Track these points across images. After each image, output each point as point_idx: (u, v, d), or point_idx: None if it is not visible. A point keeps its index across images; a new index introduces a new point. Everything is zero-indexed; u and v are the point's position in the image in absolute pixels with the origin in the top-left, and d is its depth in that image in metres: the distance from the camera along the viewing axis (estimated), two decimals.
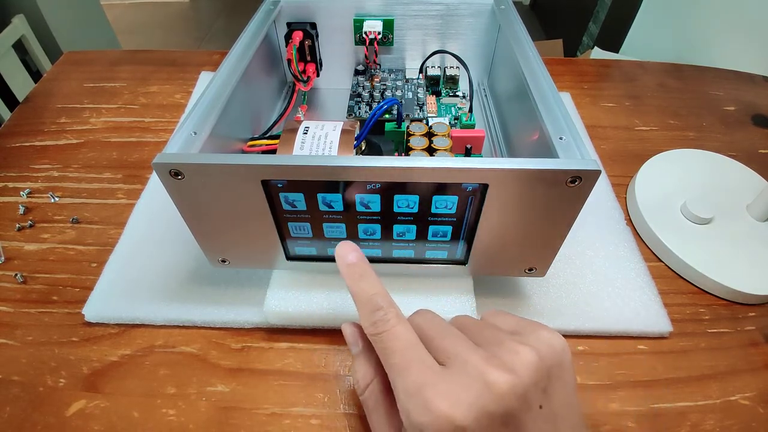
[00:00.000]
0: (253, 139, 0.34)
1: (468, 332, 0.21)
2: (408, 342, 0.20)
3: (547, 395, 0.19)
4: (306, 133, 0.30)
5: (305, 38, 0.41)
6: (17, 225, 0.39)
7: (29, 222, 0.39)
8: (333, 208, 0.25)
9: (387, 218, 0.26)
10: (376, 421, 0.22)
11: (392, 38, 0.42)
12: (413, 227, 0.27)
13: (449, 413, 0.17)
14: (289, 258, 0.30)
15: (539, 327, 0.21)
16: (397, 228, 0.27)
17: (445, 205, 0.25)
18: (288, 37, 0.40)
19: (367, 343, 0.24)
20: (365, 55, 0.43)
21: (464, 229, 0.27)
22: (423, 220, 0.26)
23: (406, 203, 0.25)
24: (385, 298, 0.22)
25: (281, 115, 0.40)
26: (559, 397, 0.19)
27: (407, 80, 0.43)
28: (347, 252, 0.23)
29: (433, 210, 0.25)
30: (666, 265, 0.36)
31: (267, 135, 0.35)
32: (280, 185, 0.24)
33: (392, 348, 0.20)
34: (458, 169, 0.22)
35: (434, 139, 0.34)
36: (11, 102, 0.96)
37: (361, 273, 0.23)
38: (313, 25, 0.41)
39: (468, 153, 0.36)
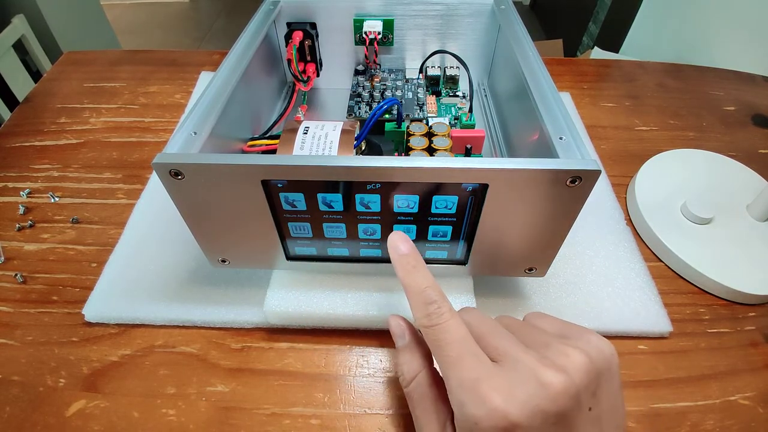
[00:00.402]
0: (253, 139, 0.34)
1: (515, 333, 0.22)
2: (461, 336, 0.20)
3: (596, 398, 0.19)
4: (306, 133, 0.30)
5: (305, 38, 0.41)
6: (17, 225, 0.39)
7: (29, 222, 0.39)
8: (333, 208, 0.25)
9: (387, 218, 0.26)
10: (420, 413, 0.22)
11: (392, 38, 0.42)
12: (413, 227, 0.27)
13: (504, 408, 0.17)
14: (289, 258, 0.30)
15: (587, 331, 0.21)
16: (397, 228, 0.27)
17: (445, 205, 0.25)
18: (288, 37, 0.40)
19: (414, 336, 0.24)
20: (365, 55, 0.43)
21: (464, 229, 0.27)
22: (423, 220, 0.26)
23: (406, 203, 0.25)
24: (438, 292, 0.22)
25: (281, 115, 0.40)
26: (607, 401, 0.19)
27: (407, 80, 0.43)
28: (399, 243, 0.23)
29: (433, 210, 0.25)
30: (666, 265, 0.36)
31: (267, 135, 0.35)
32: (280, 185, 0.24)
33: (446, 340, 0.20)
34: (458, 169, 0.22)
35: (434, 139, 0.34)
36: (11, 102, 0.96)
37: (414, 264, 0.23)
38: (313, 25, 0.41)
39: (468, 153, 0.36)
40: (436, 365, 0.23)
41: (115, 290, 0.33)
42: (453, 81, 0.43)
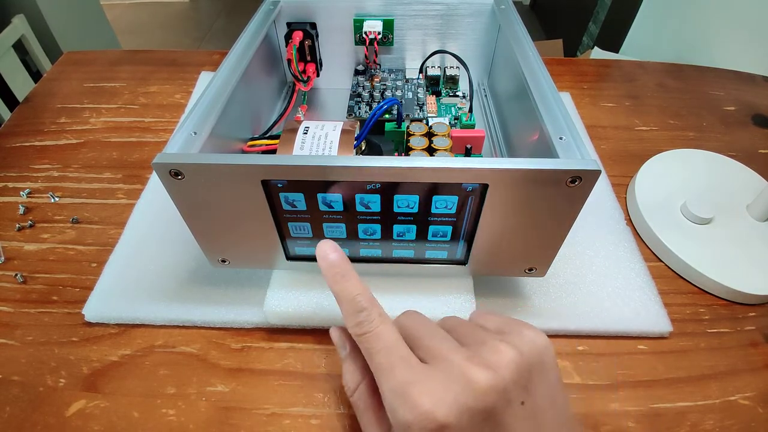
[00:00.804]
0: (253, 139, 0.34)
1: (454, 333, 0.22)
2: (391, 342, 0.20)
3: (528, 392, 0.19)
4: (306, 133, 0.30)
5: (305, 38, 0.41)
6: (17, 225, 0.39)
7: (29, 222, 0.39)
8: (333, 208, 0.25)
9: (387, 218, 0.26)
10: (366, 422, 0.22)
11: (392, 38, 0.42)
12: (413, 227, 0.27)
13: (432, 410, 0.18)
14: (289, 258, 0.30)
15: (523, 326, 0.21)
16: (397, 228, 0.27)
17: (445, 205, 0.25)
18: (288, 37, 0.40)
19: (354, 345, 0.24)
20: (365, 55, 0.43)
21: (464, 229, 0.27)
22: (423, 220, 0.26)
23: (406, 203, 0.25)
24: (368, 299, 0.22)
25: (281, 115, 0.40)
26: (542, 394, 0.19)
27: (407, 80, 0.43)
28: (328, 251, 0.23)
29: (433, 210, 0.25)
30: (666, 265, 0.36)
31: (267, 135, 0.35)
32: (280, 185, 0.24)
33: (376, 348, 0.20)
34: (458, 169, 0.22)
35: (434, 139, 0.34)
36: (11, 102, 0.96)
37: (343, 273, 0.22)
38: (313, 25, 0.41)
39: (468, 153, 0.36)
40: None
41: (115, 290, 0.33)
42: (453, 81, 0.43)
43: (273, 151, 0.31)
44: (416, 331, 0.22)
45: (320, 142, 0.30)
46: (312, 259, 0.30)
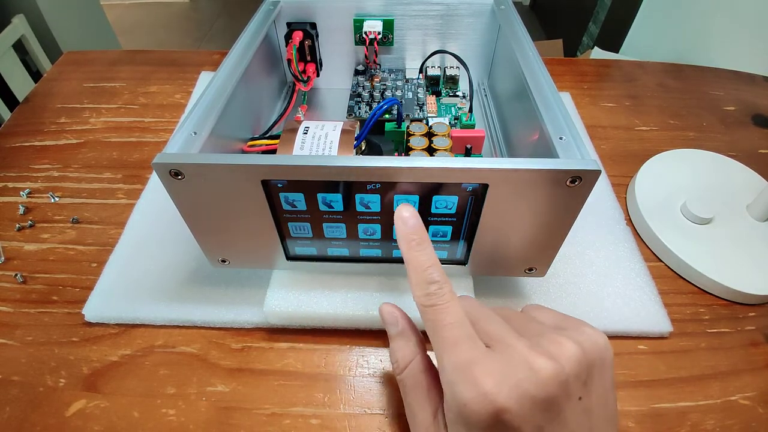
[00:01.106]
0: (253, 139, 0.34)
1: (511, 323, 0.22)
2: (459, 319, 0.20)
3: (586, 388, 0.19)
4: (306, 133, 0.30)
5: (305, 38, 0.41)
6: (17, 225, 0.39)
7: (29, 222, 0.39)
8: (333, 208, 0.25)
9: (387, 218, 0.26)
10: (413, 399, 0.22)
11: (392, 38, 0.42)
12: None
13: (493, 392, 0.18)
14: (289, 258, 0.30)
15: (583, 323, 0.21)
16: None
17: (445, 205, 0.25)
18: (288, 37, 0.40)
19: (407, 323, 0.24)
20: (365, 55, 0.43)
21: (464, 229, 0.27)
22: (423, 220, 0.26)
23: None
24: (441, 272, 0.22)
25: (281, 115, 0.40)
26: (598, 393, 0.20)
27: (407, 80, 0.43)
28: (408, 216, 0.23)
29: (433, 210, 0.25)
30: (666, 265, 0.36)
31: (267, 135, 0.35)
32: (280, 185, 0.24)
33: (444, 321, 0.20)
34: (458, 169, 0.22)
35: (434, 139, 0.34)
36: (11, 102, 0.96)
37: (419, 241, 0.22)
38: (313, 25, 0.41)
39: (468, 153, 0.36)
40: (429, 352, 0.23)
41: (115, 290, 0.33)
42: (453, 81, 0.43)
43: (273, 151, 0.31)
44: (477, 315, 0.22)
45: (320, 142, 0.30)
46: (312, 259, 0.30)
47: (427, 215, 0.26)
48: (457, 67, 0.42)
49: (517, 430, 0.18)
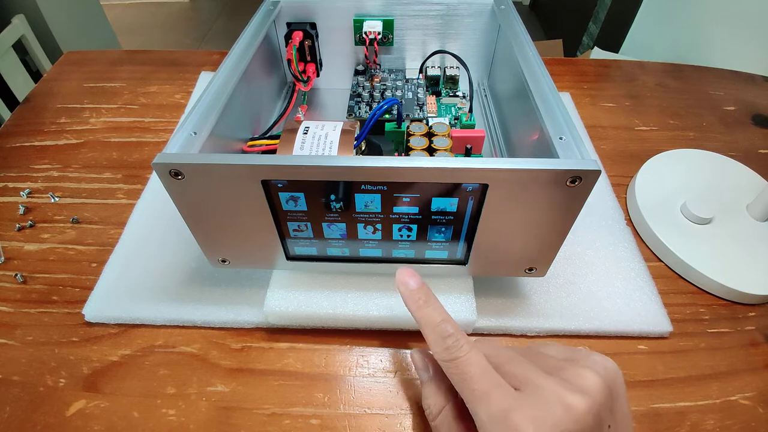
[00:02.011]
0: (253, 139, 0.34)
1: (527, 359, 0.22)
2: (484, 368, 0.21)
3: (613, 415, 0.20)
4: (306, 133, 0.30)
5: (305, 38, 0.41)
6: (17, 225, 0.39)
7: (29, 222, 0.39)
8: (333, 208, 0.25)
9: (387, 218, 0.26)
10: None
11: (392, 38, 0.42)
12: (413, 227, 0.27)
13: None
14: (289, 258, 0.30)
15: (589, 353, 0.22)
16: (396, 228, 0.27)
17: (445, 205, 0.25)
18: (288, 37, 0.40)
19: (437, 369, 0.25)
20: (365, 55, 0.43)
21: (464, 229, 0.27)
22: (423, 220, 0.26)
23: (406, 203, 0.25)
24: (454, 325, 0.22)
25: (281, 115, 0.40)
26: (621, 415, 0.21)
27: (407, 80, 0.43)
28: (408, 278, 0.24)
29: (433, 210, 0.25)
30: (666, 265, 0.36)
31: (267, 135, 0.35)
32: (280, 185, 0.24)
33: (469, 374, 0.21)
34: (458, 169, 0.22)
35: (434, 139, 0.34)
36: (11, 102, 0.95)
37: (425, 299, 0.23)
38: (313, 25, 0.41)
39: (468, 153, 0.36)
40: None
41: (115, 290, 0.33)
42: (453, 81, 0.43)
43: (273, 151, 0.31)
44: (498, 359, 0.22)
45: (320, 142, 0.30)
46: (312, 259, 0.30)
47: (427, 215, 0.26)
48: (457, 67, 0.42)
49: None
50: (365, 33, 0.41)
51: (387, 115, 0.37)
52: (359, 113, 0.40)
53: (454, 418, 0.23)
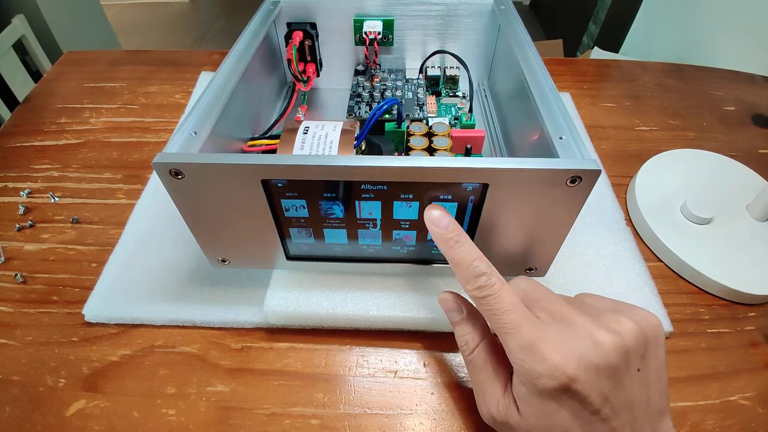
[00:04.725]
0: (253, 139, 0.34)
1: (569, 303, 0.23)
2: (514, 304, 0.22)
3: (644, 361, 0.21)
4: (306, 133, 0.30)
5: (305, 38, 0.41)
6: (17, 225, 0.39)
7: (29, 222, 0.39)
8: (333, 207, 0.25)
9: (387, 218, 0.26)
10: (484, 378, 0.24)
11: (392, 38, 0.42)
12: (413, 230, 0.27)
13: (562, 364, 0.19)
14: (289, 258, 0.30)
15: (635, 306, 0.23)
16: (396, 227, 0.27)
17: (445, 205, 0.25)
18: (288, 37, 0.40)
19: (470, 308, 0.26)
20: (365, 55, 0.43)
21: (464, 228, 0.27)
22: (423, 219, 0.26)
23: (406, 203, 0.25)
24: (486, 263, 0.23)
25: (281, 115, 0.40)
26: (653, 366, 0.21)
27: (407, 80, 0.43)
28: (439, 217, 0.24)
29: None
30: (666, 265, 0.36)
31: (267, 135, 0.35)
32: (280, 185, 0.24)
33: (501, 309, 0.21)
34: (458, 169, 0.22)
35: (434, 139, 0.34)
36: (11, 102, 0.96)
37: (457, 238, 0.24)
38: (313, 25, 0.41)
39: (468, 153, 0.36)
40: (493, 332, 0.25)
41: (115, 290, 0.33)
42: (453, 81, 0.43)
43: (273, 151, 0.31)
44: (536, 294, 0.23)
45: (320, 142, 0.30)
46: (312, 258, 0.30)
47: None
48: (457, 67, 0.42)
49: (585, 396, 0.19)
50: (365, 33, 0.41)
51: (387, 115, 0.37)
52: (359, 113, 0.40)
53: (488, 352, 0.24)
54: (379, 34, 0.41)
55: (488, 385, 0.23)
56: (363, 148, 0.32)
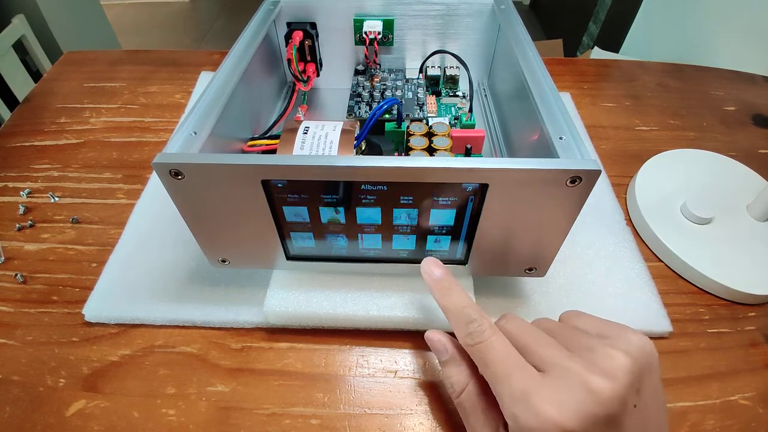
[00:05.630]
0: (253, 139, 0.34)
1: (556, 337, 0.22)
2: (505, 351, 0.21)
3: (639, 395, 0.20)
4: (306, 133, 0.30)
5: (305, 38, 0.41)
6: (17, 225, 0.39)
7: (29, 222, 0.39)
8: (333, 208, 0.25)
9: (387, 218, 0.26)
10: (474, 421, 0.23)
11: (392, 38, 0.42)
12: (413, 232, 0.27)
13: (557, 418, 0.18)
14: (289, 258, 0.30)
15: (626, 330, 0.22)
16: (396, 228, 0.27)
17: (445, 205, 0.25)
18: (288, 37, 0.40)
19: (456, 348, 0.25)
20: (365, 55, 0.43)
21: (464, 229, 0.27)
22: (423, 220, 0.26)
23: (406, 203, 0.25)
24: (476, 310, 0.23)
25: (281, 115, 0.40)
26: (648, 394, 0.20)
27: (407, 80, 0.43)
28: (433, 267, 0.25)
29: (433, 210, 0.25)
30: (666, 265, 0.36)
31: (267, 135, 0.35)
32: (280, 185, 0.24)
33: (492, 358, 0.21)
34: (458, 169, 0.22)
35: (434, 139, 0.34)
36: (11, 102, 0.95)
37: (449, 287, 0.24)
38: (313, 25, 0.41)
39: (468, 153, 0.36)
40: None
41: (115, 290, 0.33)
42: (453, 81, 0.43)
43: (273, 151, 0.31)
44: (524, 339, 0.22)
45: (320, 142, 0.30)
46: (312, 258, 0.30)
47: (426, 216, 0.26)
48: (457, 67, 0.42)
49: None
50: (365, 33, 0.41)
51: (387, 115, 0.37)
52: (359, 113, 0.40)
53: (477, 394, 0.23)
54: (379, 33, 0.41)
55: (479, 428, 0.23)
56: (363, 148, 0.32)
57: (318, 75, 0.44)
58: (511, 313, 0.24)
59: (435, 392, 0.29)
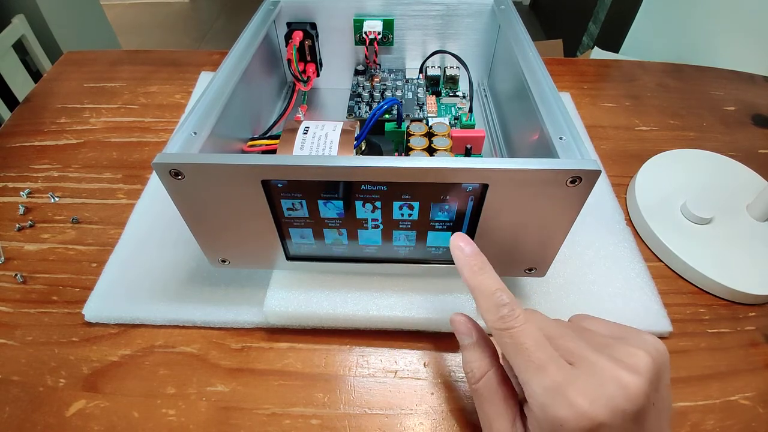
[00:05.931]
0: (253, 139, 0.34)
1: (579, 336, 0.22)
2: (539, 340, 0.21)
3: (657, 393, 0.20)
4: (306, 133, 0.30)
5: (305, 38, 0.41)
6: (17, 225, 0.39)
7: (29, 222, 0.39)
8: (333, 207, 0.25)
9: (387, 218, 0.26)
10: (490, 409, 0.23)
11: (392, 38, 0.42)
12: (413, 231, 0.27)
13: (589, 410, 0.19)
14: (289, 258, 0.30)
15: (639, 331, 0.22)
16: (396, 233, 0.27)
17: (445, 205, 0.25)
18: (288, 37, 0.40)
19: (480, 334, 0.24)
20: (365, 55, 0.43)
21: (464, 229, 0.27)
22: (423, 220, 0.26)
23: (406, 203, 0.25)
24: (509, 294, 0.22)
25: (281, 115, 0.40)
26: (662, 394, 0.21)
27: (407, 80, 0.43)
28: (463, 244, 0.24)
29: (433, 210, 0.25)
30: (666, 265, 0.36)
31: (267, 135, 0.35)
32: (280, 185, 0.24)
33: (525, 345, 0.20)
34: (458, 169, 0.22)
35: (434, 139, 0.34)
36: (11, 102, 0.95)
37: (480, 266, 0.23)
38: (313, 25, 0.41)
39: (468, 153, 0.36)
40: (501, 362, 0.24)
41: (115, 290, 0.33)
42: (453, 81, 0.43)
43: (273, 151, 0.31)
44: (551, 332, 0.22)
45: (320, 142, 0.30)
46: (312, 258, 0.30)
47: (426, 216, 0.26)
48: (457, 67, 0.42)
49: None
50: (365, 33, 0.41)
51: (387, 115, 0.37)
52: (359, 113, 0.40)
53: (497, 382, 0.23)
54: (379, 34, 0.41)
55: (495, 418, 0.22)
56: (363, 148, 0.32)
57: (318, 75, 0.44)
58: (531, 308, 0.24)
59: (435, 392, 0.29)
